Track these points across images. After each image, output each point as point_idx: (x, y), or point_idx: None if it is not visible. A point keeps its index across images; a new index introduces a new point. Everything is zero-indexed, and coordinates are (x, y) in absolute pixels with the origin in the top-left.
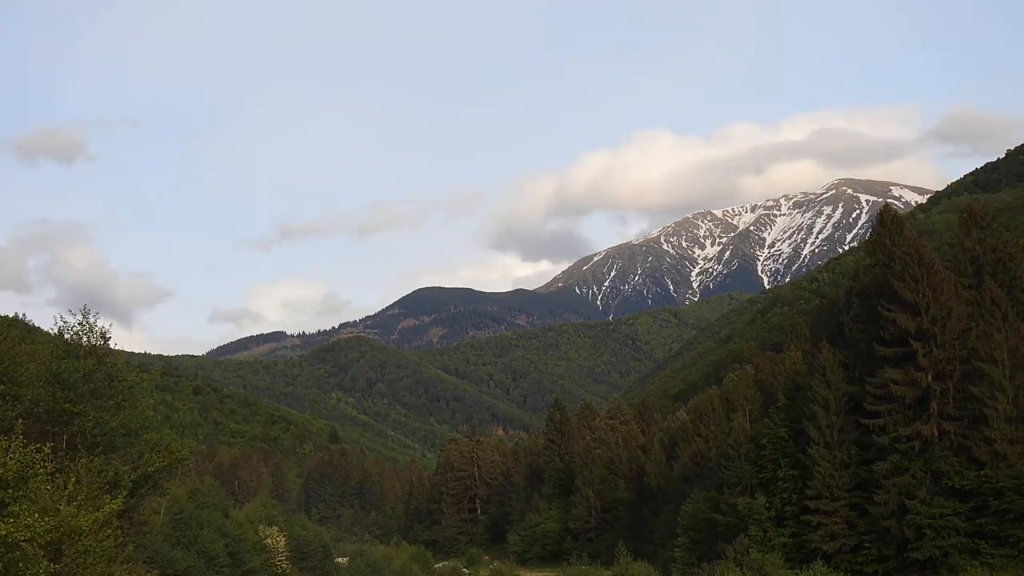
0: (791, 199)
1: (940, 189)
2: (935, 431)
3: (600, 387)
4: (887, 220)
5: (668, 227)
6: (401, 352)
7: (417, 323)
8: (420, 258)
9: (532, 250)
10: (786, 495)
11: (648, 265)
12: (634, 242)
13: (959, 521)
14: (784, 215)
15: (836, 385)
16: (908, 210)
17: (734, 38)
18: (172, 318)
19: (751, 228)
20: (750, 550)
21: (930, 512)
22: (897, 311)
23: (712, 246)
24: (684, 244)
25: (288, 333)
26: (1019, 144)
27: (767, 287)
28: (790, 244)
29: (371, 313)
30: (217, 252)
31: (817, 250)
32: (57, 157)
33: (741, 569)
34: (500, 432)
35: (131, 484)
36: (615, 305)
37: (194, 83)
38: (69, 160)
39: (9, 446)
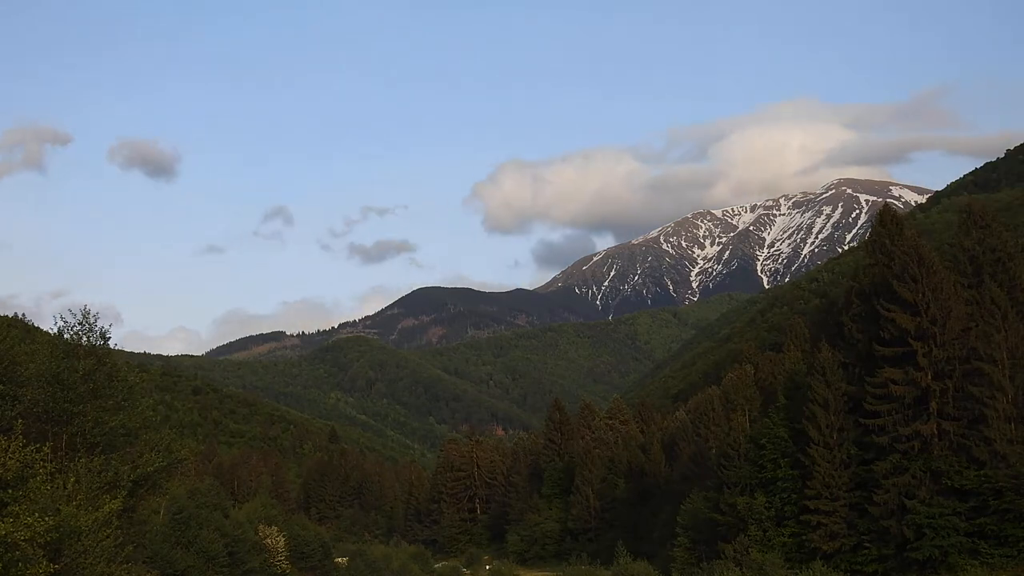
0: (791, 199)
1: (940, 189)
2: (935, 431)
3: (600, 387)
4: (887, 220)
5: (668, 227)
6: (400, 352)
7: (416, 323)
8: None
9: None
10: (786, 495)
11: (648, 265)
12: (634, 242)
13: (959, 521)
14: (784, 215)
15: (836, 385)
16: (908, 210)
17: None
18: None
19: (751, 228)
20: (750, 550)
21: (930, 512)
22: (897, 311)
23: (712, 246)
24: (684, 244)
25: (288, 333)
26: (1019, 144)
27: (767, 287)
28: (790, 244)
29: (371, 313)
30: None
31: (817, 250)
32: None
33: (741, 569)
34: (500, 432)
35: (131, 484)
36: (615, 305)
37: None
38: None
39: (9, 446)
